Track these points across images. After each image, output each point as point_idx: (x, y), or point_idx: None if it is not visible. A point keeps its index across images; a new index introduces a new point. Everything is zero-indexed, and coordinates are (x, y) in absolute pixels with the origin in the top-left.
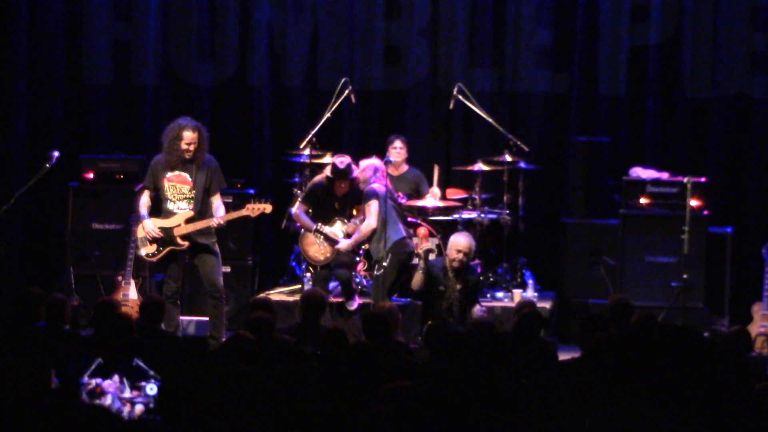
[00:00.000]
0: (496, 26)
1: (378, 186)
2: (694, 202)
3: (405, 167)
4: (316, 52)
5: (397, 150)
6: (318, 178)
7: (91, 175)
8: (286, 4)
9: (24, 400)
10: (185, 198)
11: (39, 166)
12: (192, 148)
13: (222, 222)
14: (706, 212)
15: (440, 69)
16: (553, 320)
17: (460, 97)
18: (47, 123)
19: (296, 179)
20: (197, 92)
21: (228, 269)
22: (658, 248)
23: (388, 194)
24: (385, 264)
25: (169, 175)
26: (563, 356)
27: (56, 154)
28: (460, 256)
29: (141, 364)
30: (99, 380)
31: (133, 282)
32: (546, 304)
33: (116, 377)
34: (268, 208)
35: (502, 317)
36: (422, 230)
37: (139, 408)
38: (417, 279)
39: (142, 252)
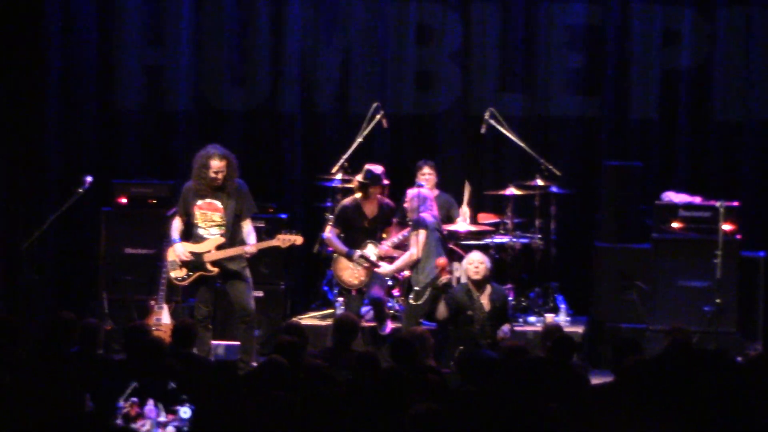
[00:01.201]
0: (527, 50)
1: (428, 216)
2: (726, 227)
3: (435, 192)
4: (347, 77)
5: (426, 176)
6: (347, 200)
7: (124, 200)
8: (318, 30)
9: (58, 424)
10: (216, 225)
11: (72, 191)
12: (220, 176)
13: (252, 251)
14: (738, 236)
15: (471, 93)
16: (586, 345)
17: (492, 121)
18: (80, 148)
19: (328, 204)
20: (229, 118)
21: (260, 294)
22: (691, 272)
23: (436, 225)
24: (419, 297)
25: (199, 202)
26: (595, 381)
27: (89, 179)
28: (474, 266)
29: (173, 387)
30: (136, 402)
31: (165, 306)
32: (578, 329)
33: (151, 401)
34: (298, 239)
35: (534, 342)
36: (441, 260)
37: (171, 431)
38: (441, 310)
39: (172, 275)
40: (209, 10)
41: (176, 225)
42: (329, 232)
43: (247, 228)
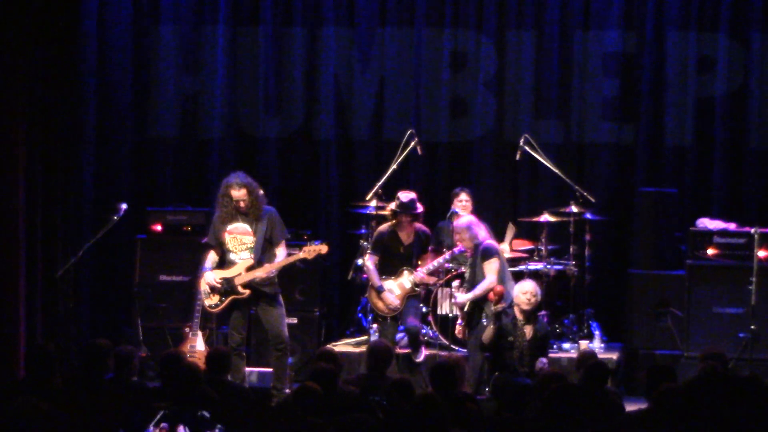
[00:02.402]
0: (562, 77)
1: (494, 242)
2: (761, 253)
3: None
4: (382, 104)
5: (463, 203)
6: (383, 226)
7: (159, 228)
8: (352, 57)
9: None
10: (247, 248)
11: (107, 219)
12: (242, 204)
13: (277, 267)
14: None
15: (506, 120)
16: (620, 371)
17: (527, 148)
18: (115, 176)
19: (362, 230)
20: (263, 145)
21: (294, 321)
22: (726, 299)
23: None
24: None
25: (228, 228)
26: (630, 407)
27: (124, 206)
28: (527, 296)
29: (206, 414)
30: (166, 428)
31: (200, 333)
32: (613, 355)
33: (182, 428)
34: (323, 248)
35: (569, 368)
36: (498, 288)
37: None
38: (488, 334)
39: (206, 303)
40: (245, 38)
41: (210, 256)
42: (368, 260)
43: (281, 253)
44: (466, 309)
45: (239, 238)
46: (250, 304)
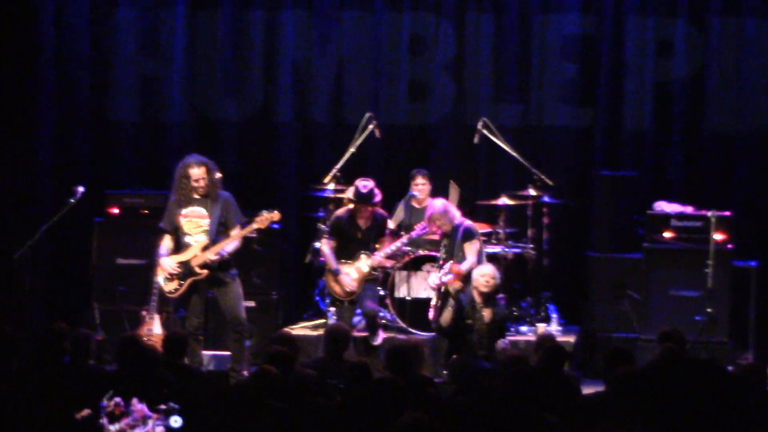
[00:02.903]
0: (521, 61)
1: (473, 224)
2: (718, 236)
3: (428, 200)
4: (340, 87)
5: (420, 186)
6: (340, 211)
7: (116, 211)
8: (311, 40)
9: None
10: (203, 230)
11: (64, 202)
12: (201, 183)
13: (234, 242)
14: (730, 246)
15: (465, 103)
16: (578, 354)
17: (485, 131)
18: (72, 158)
19: (320, 214)
20: (222, 128)
21: (252, 304)
22: (683, 282)
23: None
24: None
25: (183, 211)
26: (587, 390)
27: (81, 189)
28: (486, 279)
29: (161, 395)
30: (120, 403)
31: (157, 317)
32: (570, 338)
33: (135, 400)
34: (275, 215)
35: (527, 351)
36: (455, 267)
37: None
38: (446, 316)
39: (165, 290)
40: (203, 20)
41: (164, 242)
42: (325, 245)
43: (235, 233)
44: (442, 290)
45: (195, 221)
46: (208, 287)
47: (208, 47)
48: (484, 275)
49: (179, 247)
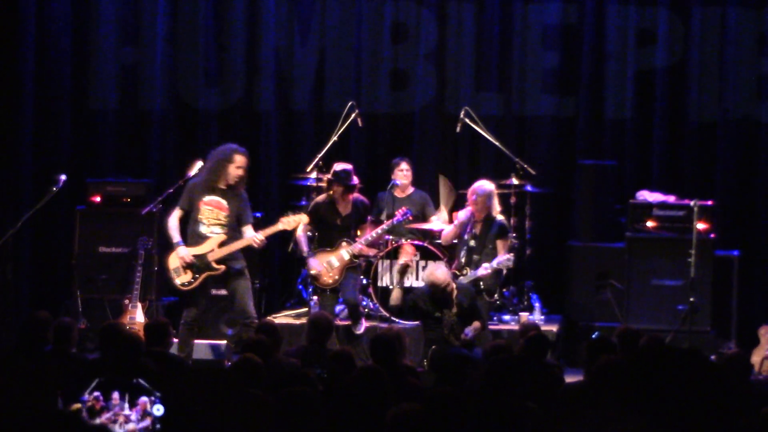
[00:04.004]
0: (503, 50)
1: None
2: (700, 225)
3: (411, 189)
4: (322, 76)
5: (404, 172)
6: (320, 197)
7: (98, 199)
8: (293, 29)
9: (30, 423)
10: (219, 224)
11: (46, 190)
12: (242, 173)
13: (262, 239)
14: (712, 235)
15: (447, 92)
16: (560, 343)
17: (467, 120)
18: (54, 147)
19: (303, 202)
20: (204, 117)
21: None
22: (665, 271)
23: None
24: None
25: (206, 198)
26: (570, 379)
27: (63, 177)
28: (436, 289)
29: (142, 382)
30: (99, 397)
31: (139, 305)
32: (553, 327)
33: (116, 394)
34: (304, 218)
35: (510, 340)
36: (408, 248)
37: (144, 425)
38: (395, 295)
39: (177, 282)
40: (184, 9)
41: (175, 224)
42: (301, 230)
43: (249, 232)
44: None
45: (215, 212)
46: (220, 280)
47: (190, 35)
48: (436, 284)
49: (190, 234)
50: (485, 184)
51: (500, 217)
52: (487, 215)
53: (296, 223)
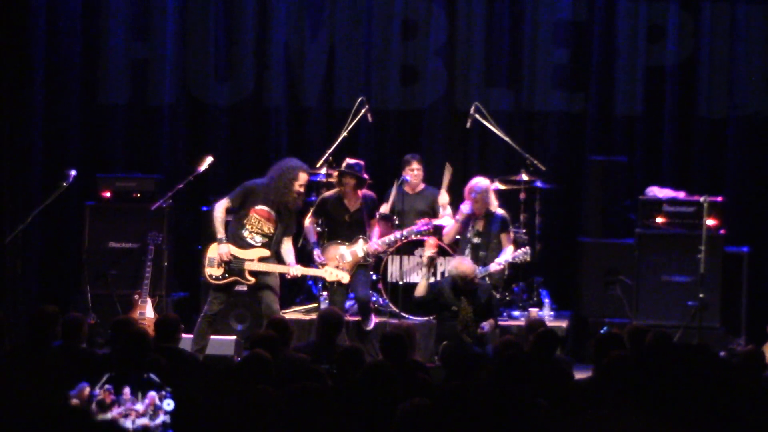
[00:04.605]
0: (513, 46)
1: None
2: (710, 222)
3: (421, 186)
4: (332, 72)
5: (415, 172)
6: (328, 192)
7: (108, 194)
8: (303, 25)
9: (40, 419)
10: (262, 234)
11: (55, 185)
12: (303, 190)
13: (296, 275)
14: (722, 231)
15: (457, 88)
16: (570, 339)
17: (477, 116)
18: (64, 142)
19: (312, 198)
20: (214, 112)
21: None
22: (675, 267)
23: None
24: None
25: (259, 207)
26: (579, 375)
27: (73, 173)
28: (462, 277)
29: (152, 377)
30: (110, 390)
31: (149, 300)
32: (562, 323)
33: (127, 389)
34: (345, 278)
35: (519, 336)
36: (431, 240)
37: (158, 421)
38: (420, 287)
39: (207, 271)
40: (195, 3)
41: (222, 217)
42: (308, 222)
43: (287, 246)
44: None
45: (262, 222)
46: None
47: (200, 30)
48: (462, 276)
49: (232, 235)
50: (481, 181)
51: (500, 211)
52: (487, 210)
53: (338, 278)
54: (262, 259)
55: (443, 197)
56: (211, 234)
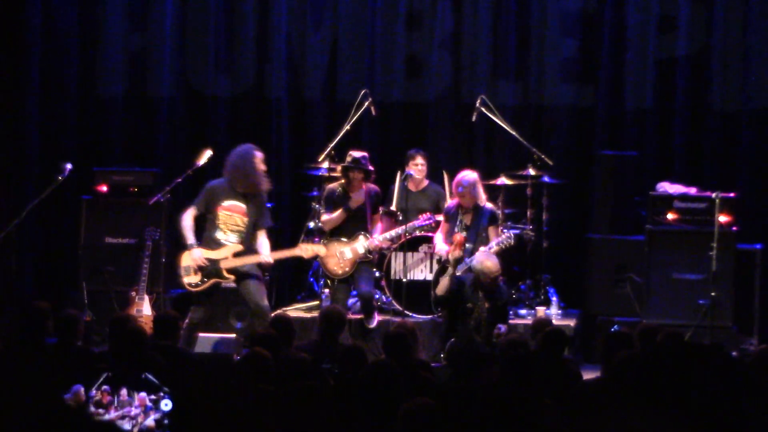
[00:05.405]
0: (520, 37)
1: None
2: (722, 218)
3: (425, 182)
4: (335, 63)
5: (419, 167)
6: (332, 184)
7: (105, 188)
8: (305, 15)
9: (34, 417)
10: (237, 230)
11: (51, 179)
12: (264, 167)
13: (270, 261)
14: (735, 228)
15: (463, 81)
16: (578, 338)
17: (483, 109)
18: (60, 134)
19: (314, 193)
20: (214, 104)
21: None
22: (686, 265)
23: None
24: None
25: (226, 203)
26: (587, 375)
27: (69, 166)
28: (486, 275)
29: (150, 377)
30: (107, 391)
31: (147, 297)
32: (570, 322)
33: (124, 391)
34: (321, 250)
35: (525, 335)
36: (458, 237)
37: (149, 422)
38: (443, 285)
39: (185, 280)
40: None
41: (190, 223)
42: (324, 216)
43: (262, 239)
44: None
45: (235, 217)
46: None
47: (199, 20)
48: (486, 273)
49: (206, 239)
50: (468, 174)
51: (489, 205)
52: (475, 204)
53: (314, 253)
54: (236, 254)
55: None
56: (182, 244)
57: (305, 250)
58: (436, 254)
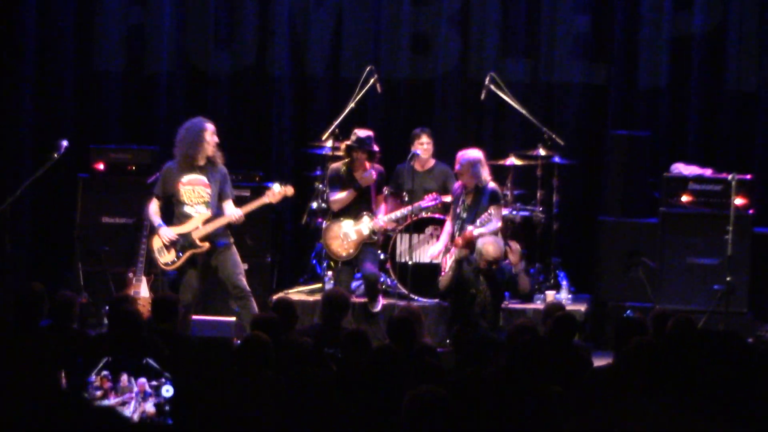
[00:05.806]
0: (531, 12)
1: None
2: (738, 201)
3: (432, 162)
4: (339, 39)
5: (425, 146)
6: (336, 164)
7: (102, 166)
8: None
9: (29, 401)
10: (203, 202)
11: (47, 157)
12: (216, 139)
13: (240, 216)
14: (751, 211)
15: (471, 58)
16: (588, 324)
17: (492, 87)
18: (56, 111)
19: (318, 172)
20: (214, 81)
21: (245, 267)
22: (700, 249)
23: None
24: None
25: (184, 179)
26: (598, 362)
27: (65, 143)
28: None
29: (151, 363)
30: (107, 377)
31: (144, 279)
32: (581, 307)
33: (124, 376)
34: (289, 190)
35: (535, 320)
36: (468, 233)
37: (150, 408)
38: (445, 279)
39: (161, 262)
40: None
41: (155, 209)
42: (334, 195)
43: (230, 209)
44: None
45: (197, 190)
46: (205, 257)
47: None
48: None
49: (176, 216)
50: (468, 152)
51: (492, 184)
52: (476, 184)
53: (281, 195)
54: (206, 222)
55: None
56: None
57: (272, 195)
58: (433, 257)
